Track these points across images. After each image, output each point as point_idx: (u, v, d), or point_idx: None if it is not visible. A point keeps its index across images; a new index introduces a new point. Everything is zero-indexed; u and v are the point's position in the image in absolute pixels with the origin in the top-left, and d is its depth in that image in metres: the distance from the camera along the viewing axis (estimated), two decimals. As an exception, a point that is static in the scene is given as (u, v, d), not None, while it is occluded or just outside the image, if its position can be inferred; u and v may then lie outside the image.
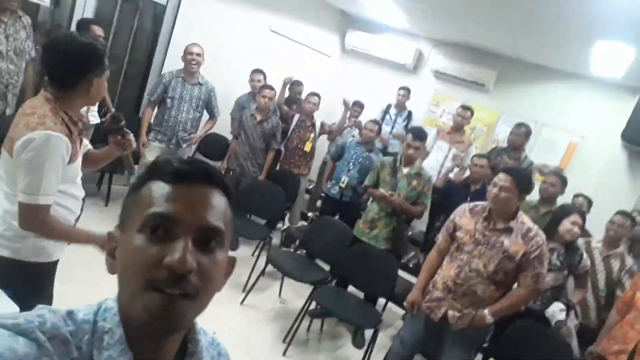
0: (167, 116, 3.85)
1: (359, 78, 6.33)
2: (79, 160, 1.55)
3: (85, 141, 1.67)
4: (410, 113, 5.20)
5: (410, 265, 4.43)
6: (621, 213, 3.30)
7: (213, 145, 4.60)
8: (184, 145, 4.00)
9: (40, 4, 3.58)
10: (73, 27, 3.72)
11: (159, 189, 0.59)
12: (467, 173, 4.09)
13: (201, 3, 4.57)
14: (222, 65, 4.80)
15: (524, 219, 2.23)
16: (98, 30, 3.36)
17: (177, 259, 0.53)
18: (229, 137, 4.56)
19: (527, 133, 4.09)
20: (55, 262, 1.61)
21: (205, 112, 4.08)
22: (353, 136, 4.63)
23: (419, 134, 3.23)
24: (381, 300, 3.33)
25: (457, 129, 4.44)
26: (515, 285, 2.26)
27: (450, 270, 2.29)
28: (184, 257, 0.54)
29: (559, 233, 2.79)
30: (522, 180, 2.21)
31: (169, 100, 3.82)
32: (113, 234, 0.63)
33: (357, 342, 3.28)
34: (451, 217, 2.42)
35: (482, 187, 3.67)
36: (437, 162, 4.34)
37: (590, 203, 3.68)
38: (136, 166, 3.30)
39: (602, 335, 2.85)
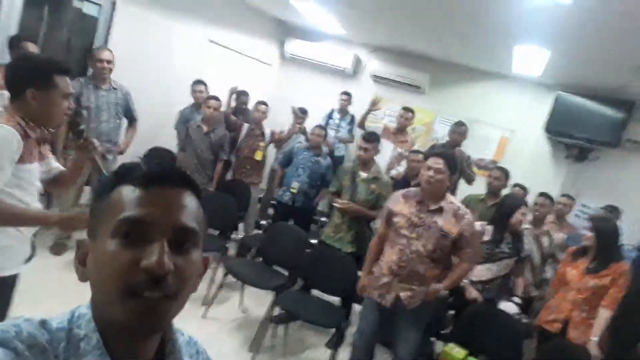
0: (85, 129, 3.58)
1: (301, 85, 6.42)
2: (35, 167, 1.52)
3: (56, 163, 1.63)
4: (353, 117, 5.37)
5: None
6: (541, 194, 3.67)
7: (160, 159, 4.46)
8: (110, 157, 3.68)
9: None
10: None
11: (130, 193, 0.59)
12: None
13: (135, 16, 4.39)
14: (161, 78, 4.69)
15: (452, 199, 2.44)
16: (31, 47, 3.14)
17: (155, 261, 0.54)
18: (175, 149, 4.46)
19: (467, 131, 4.40)
20: (12, 279, 1.51)
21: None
22: (299, 142, 4.69)
23: (369, 137, 3.38)
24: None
25: (401, 130, 4.65)
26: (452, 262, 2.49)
27: (393, 255, 2.42)
28: (161, 259, 0.54)
29: (511, 224, 2.97)
30: (451, 161, 2.41)
31: (84, 112, 3.42)
32: (83, 241, 0.62)
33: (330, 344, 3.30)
34: (386, 204, 2.59)
35: None
36: (382, 161, 4.50)
37: (525, 191, 4.00)
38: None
39: (542, 308, 3.13)
